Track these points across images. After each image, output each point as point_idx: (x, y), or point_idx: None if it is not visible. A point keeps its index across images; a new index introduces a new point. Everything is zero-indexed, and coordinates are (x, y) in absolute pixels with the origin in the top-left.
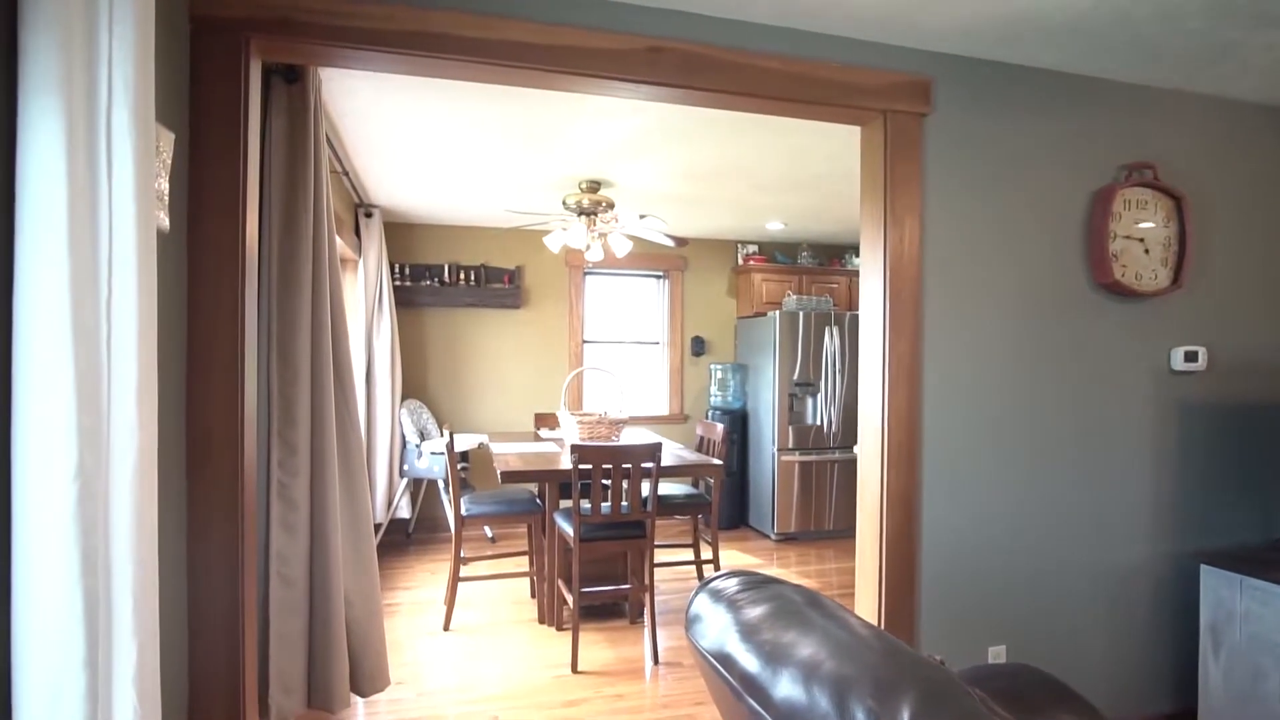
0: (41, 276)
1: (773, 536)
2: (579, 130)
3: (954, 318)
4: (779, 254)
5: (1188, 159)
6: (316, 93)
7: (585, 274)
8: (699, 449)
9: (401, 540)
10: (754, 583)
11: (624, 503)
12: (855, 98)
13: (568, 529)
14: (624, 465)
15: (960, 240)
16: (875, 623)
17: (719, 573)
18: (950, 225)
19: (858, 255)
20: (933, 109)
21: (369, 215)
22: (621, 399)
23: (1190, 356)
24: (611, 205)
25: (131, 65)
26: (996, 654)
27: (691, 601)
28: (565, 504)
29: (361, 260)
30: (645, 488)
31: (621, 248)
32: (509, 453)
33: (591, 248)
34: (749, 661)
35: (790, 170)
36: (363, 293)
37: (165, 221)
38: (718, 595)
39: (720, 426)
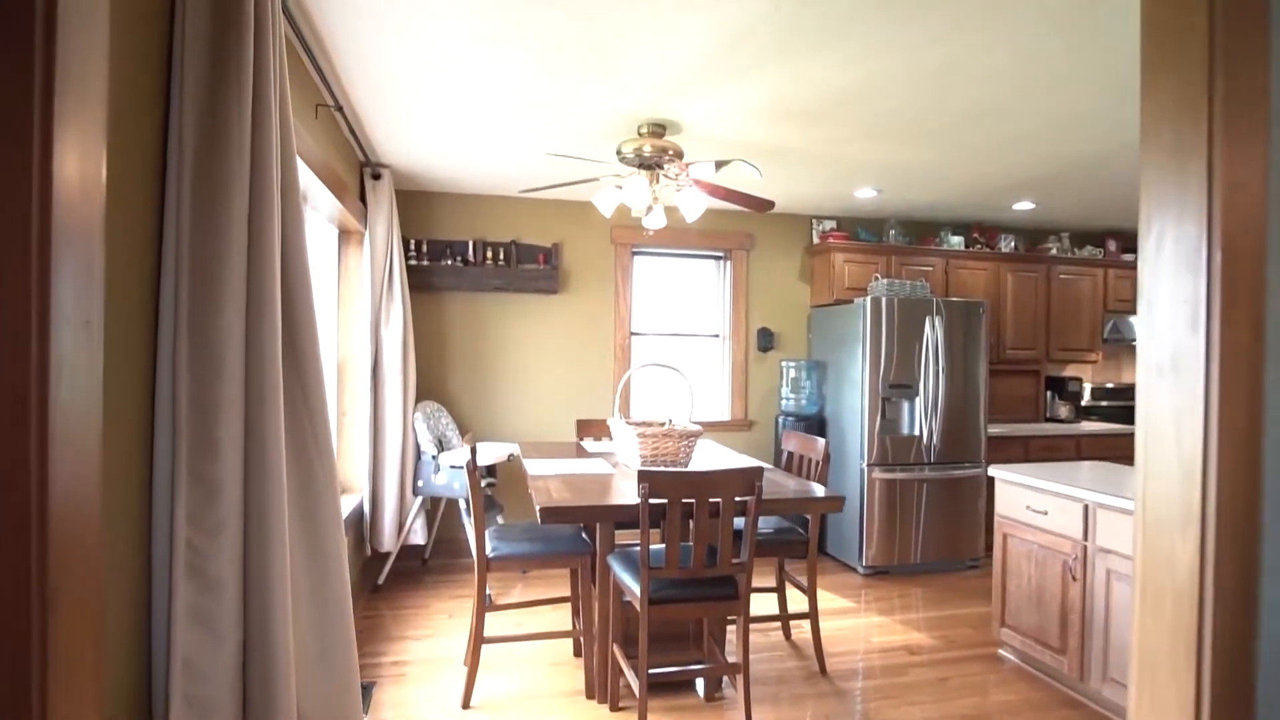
0: None
1: (860, 570)
2: (642, 37)
3: None
4: (862, 230)
5: None
6: None
7: (634, 253)
8: (787, 468)
9: (416, 569)
10: None
11: (709, 544)
12: None
13: (632, 585)
14: (712, 499)
15: None
16: None
17: None
18: None
19: (954, 233)
20: None
21: (377, 177)
22: (691, 404)
23: None
24: (680, 154)
25: None
26: None
27: None
28: (623, 538)
29: (368, 233)
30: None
31: (693, 208)
32: (549, 474)
33: (654, 210)
34: None
35: (919, 104)
36: (368, 272)
37: None
38: None
39: (821, 442)
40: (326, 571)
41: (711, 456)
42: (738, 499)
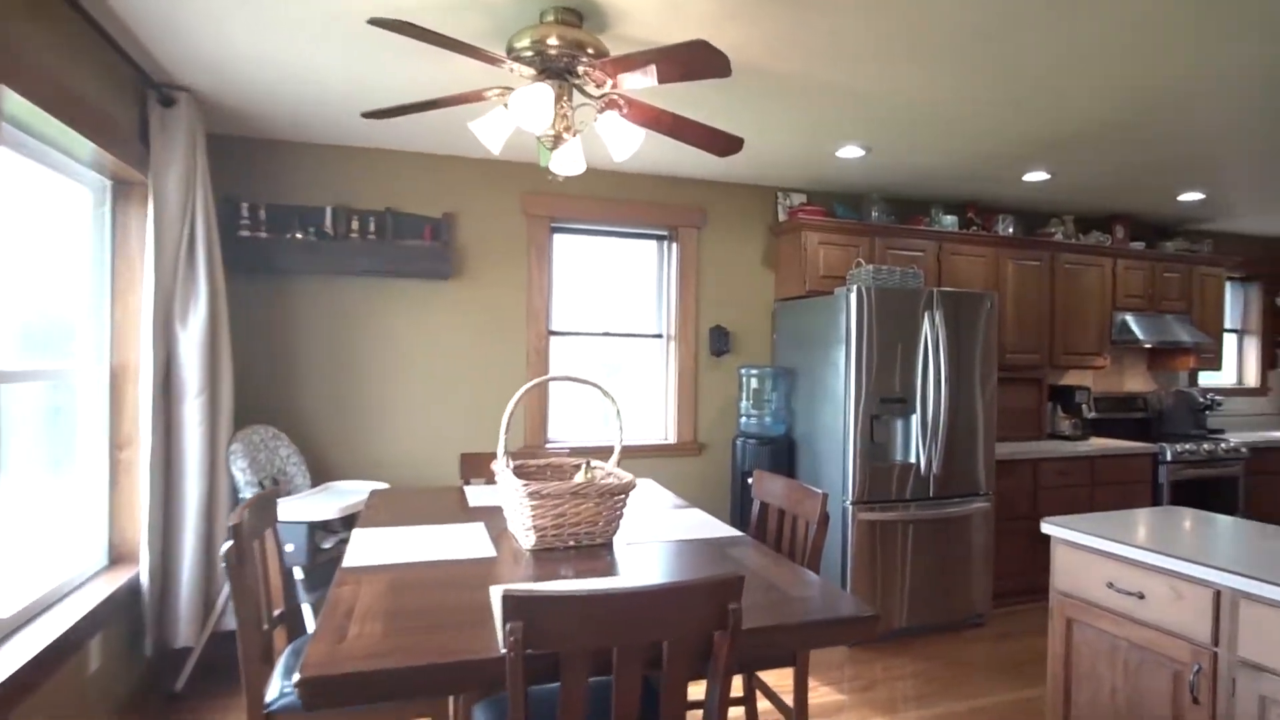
0: None
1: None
2: None
3: None
4: (839, 206)
5: None
6: None
7: (553, 229)
8: (758, 531)
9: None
10: None
11: None
12: None
13: None
14: (648, 641)
15: None
16: None
17: None
18: None
19: (947, 212)
20: None
21: (169, 104)
22: (620, 436)
23: None
24: (603, 54)
25: None
26: None
27: None
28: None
29: (152, 186)
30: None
31: (622, 143)
32: (375, 563)
33: (566, 145)
34: None
35: None
36: (152, 244)
37: None
38: None
39: (818, 495)
40: None
41: (648, 516)
42: (696, 636)
